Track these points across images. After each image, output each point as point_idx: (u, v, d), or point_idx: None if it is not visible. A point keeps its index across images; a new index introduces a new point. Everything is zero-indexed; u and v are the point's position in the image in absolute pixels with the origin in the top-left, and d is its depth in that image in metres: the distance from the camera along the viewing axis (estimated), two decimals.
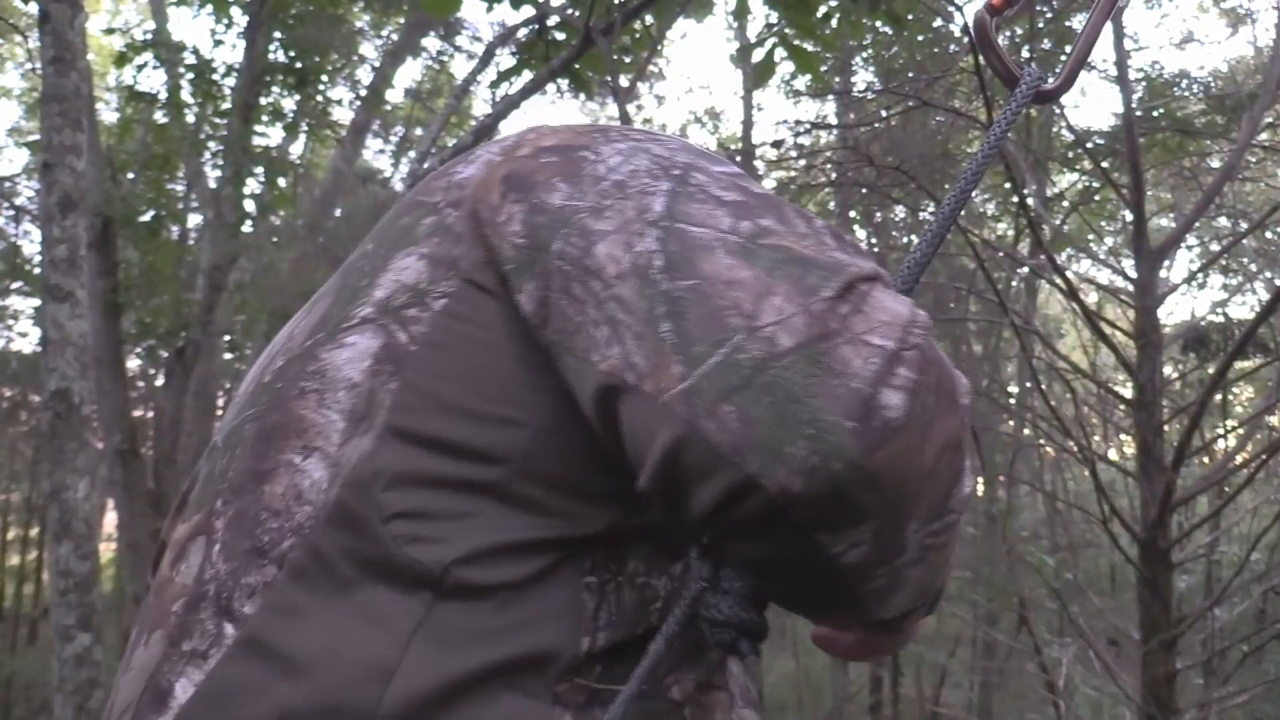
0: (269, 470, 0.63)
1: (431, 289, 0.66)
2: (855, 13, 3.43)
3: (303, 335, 0.70)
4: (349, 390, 0.64)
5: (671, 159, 0.66)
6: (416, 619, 0.58)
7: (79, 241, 3.12)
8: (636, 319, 0.57)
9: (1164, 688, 3.93)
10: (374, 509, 0.60)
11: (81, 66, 3.23)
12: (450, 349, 0.64)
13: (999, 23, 0.77)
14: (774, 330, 0.54)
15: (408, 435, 0.62)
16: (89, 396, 3.05)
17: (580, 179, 0.65)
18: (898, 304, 0.57)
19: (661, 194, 0.61)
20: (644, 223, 0.60)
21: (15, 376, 13.35)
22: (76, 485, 2.94)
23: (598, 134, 0.70)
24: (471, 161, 0.72)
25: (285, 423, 0.64)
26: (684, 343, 0.55)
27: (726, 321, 0.54)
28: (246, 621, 0.59)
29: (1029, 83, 0.73)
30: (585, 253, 0.60)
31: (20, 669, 13.69)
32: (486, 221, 0.66)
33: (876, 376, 0.53)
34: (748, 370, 0.53)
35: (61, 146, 3.09)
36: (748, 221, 0.60)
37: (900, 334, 0.55)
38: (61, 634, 2.94)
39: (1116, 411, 6.65)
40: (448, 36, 10.21)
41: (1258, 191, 8.51)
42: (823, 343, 0.53)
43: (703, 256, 0.57)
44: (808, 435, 0.52)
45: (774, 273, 0.56)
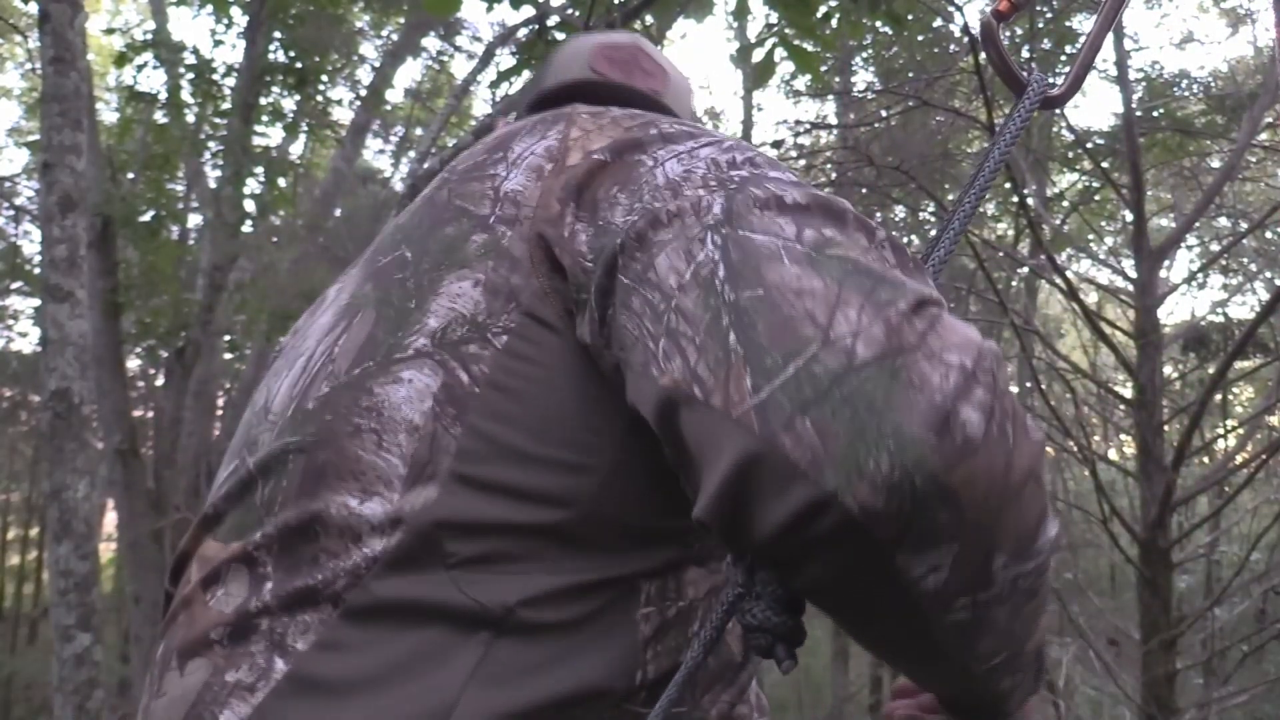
0: (321, 510, 0.61)
1: (491, 323, 0.63)
2: (855, 13, 3.43)
3: (347, 358, 0.66)
4: (409, 434, 0.61)
5: (729, 167, 0.64)
6: (477, 658, 0.58)
7: (79, 241, 3.12)
8: (700, 330, 0.55)
9: (1164, 688, 3.93)
10: (438, 555, 0.59)
11: (81, 66, 3.22)
12: (514, 392, 0.62)
13: (1004, 25, 0.76)
14: (850, 341, 0.52)
15: (473, 482, 0.61)
16: (89, 396, 3.04)
17: (638, 189, 0.63)
18: (968, 329, 0.55)
19: (720, 199, 0.60)
20: (703, 227, 0.58)
21: (15, 376, 13.36)
22: (76, 485, 2.94)
23: (652, 130, 0.68)
24: (515, 165, 0.69)
25: (339, 462, 0.62)
26: (754, 354, 0.52)
27: (800, 332, 0.52)
28: (298, 658, 0.58)
29: (1036, 89, 0.72)
30: (647, 265, 0.58)
31: (20, 669, 13.70)
32: (554, 240, 0.64)
33: (956, 392, 0.51)
34: (825, 383, 0.51)
35: (61, 146, 3.09)
36: (811, 230, 0.58)
37: (975, 355, 0.53)
38: (61, 634, 2.94)
39: (1116, 411, 6.65)
40: (448, 36, 10.21)
41: (1258, 191, 8.51)
42: (902, 356, 0.51)
43: (768, 265, 0.55)
44: (889, 449, 0.50)
45: (844, 283, 0.54)
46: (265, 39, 7.37)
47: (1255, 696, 4.59)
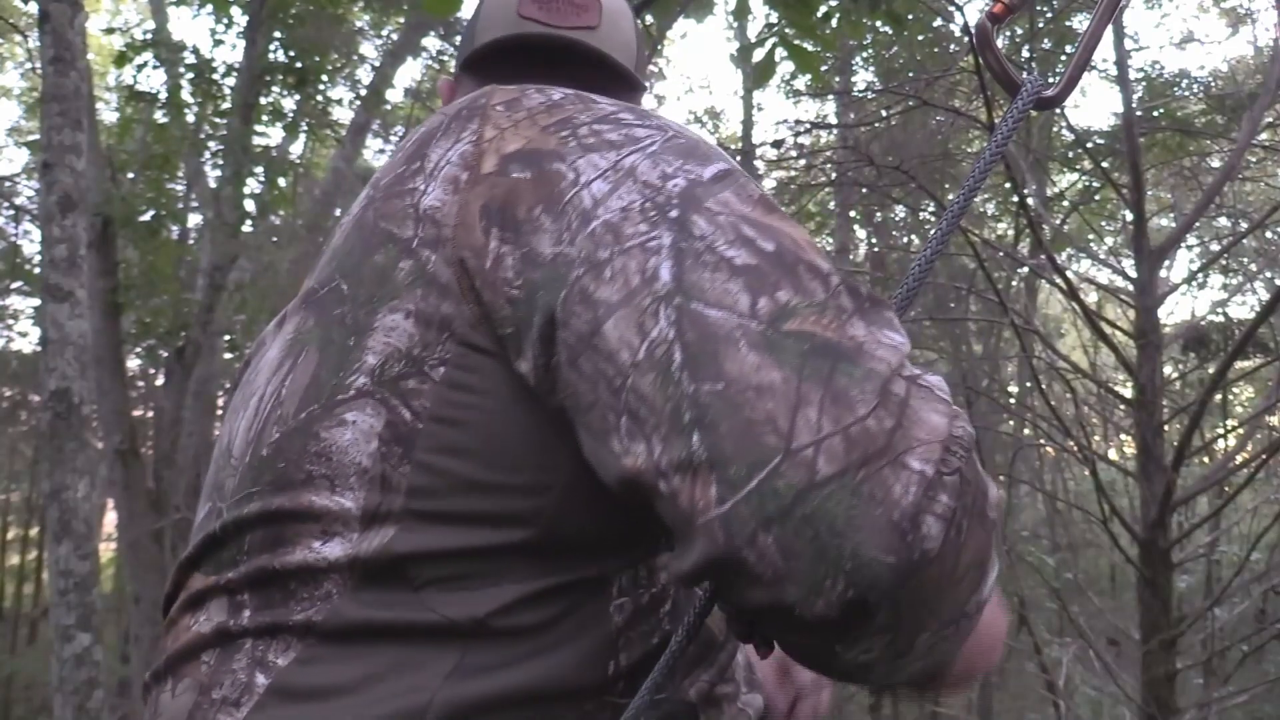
0: (287, 556, 0.62)
1: (427, 355, 0.62)
2: (855, 13, 3.43)
3: (294, 401, 0.65)
4: (359, 477, 0.62)
5: (663, 186, 0.60)
6: (452, 663, 0.60)
7: (79, 241, 3.12)
8: (661, 420, 0.54)
9: (1164, 688, 3.93)
10: (404, 581, 0.60)
11: (81, 66, 3.23)
12: (459, 422, 0.62)
13: (999, 27, 0.77)
14: (812, 453, 0.51)
15: (429, 516, 0.61)
16: (89, 396, 3.05)
17: (564, 212, 0.60)
18: (936, 413, 0.54)
19: (666, 254, 0.57)
20: (654, 297, 0.56)
21: (15, 376, 13.36)
22: (76, 485, 2.94)
23: (566, 132, 0.64)
24: (433, 176, 0.66)
25: (297, 509, 0.63)
26: (718, 461, 0.52)
27: (762, 440, 0.51)
28: (278, 671, 0.60)
29: (1029, 90, 0.72)
30: (593, 329, 0.57)
31: (20, 669, 13.70)
32: (475, 271, 0.61)
33: (916, 506, 0.51)
34: (788, 500, 0.51)
35: (61, 146, 3.09)
36: (765, 298, 0.55)
37: (940, 455, 0.52)
38: (61, 634, 2.94)
39: (1116, 411, 6.64)
40: (448, 36, 10.21)
41: (1258, 191, 8.51)
42: (864, 469, 0.51)
43: (726, 352, 0.53)
44: (847, 570, 0.50)
45: (804, 372, 0.53)
46: (265, 39, 7.37)
47: (1255, 696, 4.59)
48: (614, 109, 0.67)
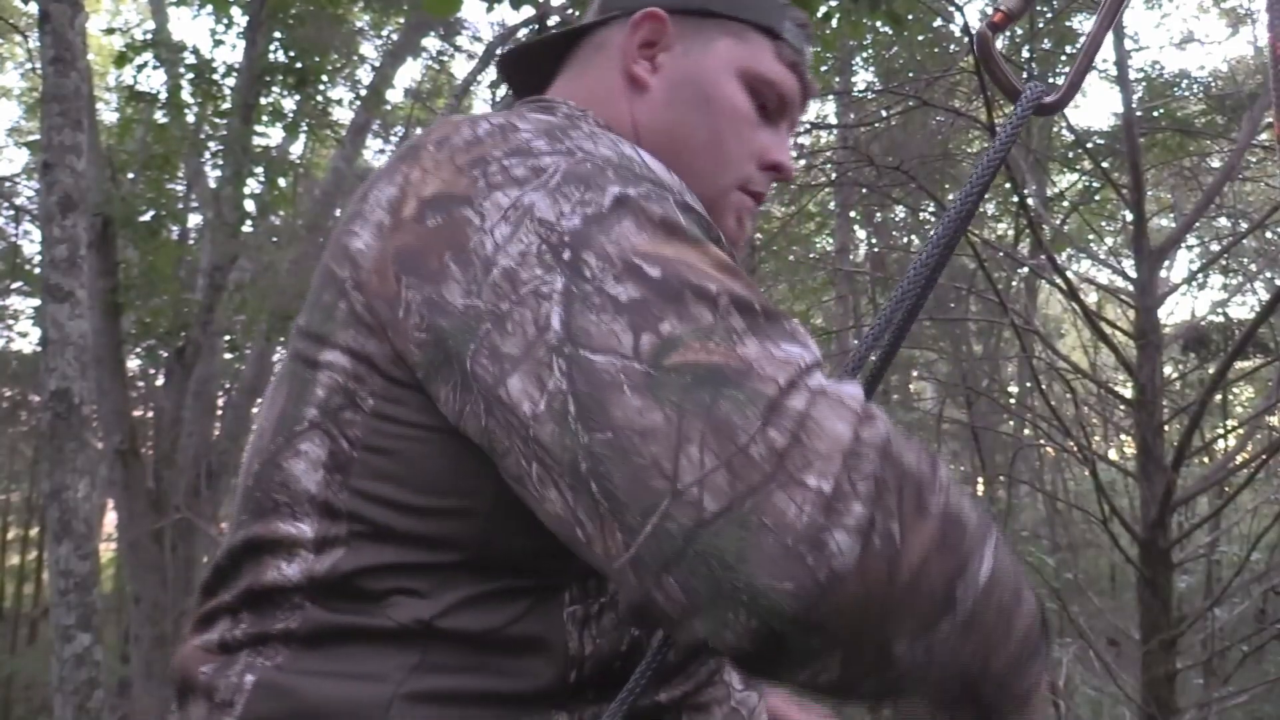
0: (265, 576, 0.68)
1: (359, 389, 0.66)
2: (855, 13, 3.43)
3: (270, 433, 0.71)
4: (310, 503, 0.67)
5: (557, 224, 0.61)
6: (414, 660, 0.64)
7: (79, 241, 3.12)
8: (564, 471, 0.56)
9: (1164, 688, 3.93)
10: (357, 594, 0.65)
11: (81, 66, 3.23)
12: (388, 451, 0.65)
13: (999, 35, 0.78)
14: (697, 491, 0.52)
15: (370, 537, 0.65)
16: (89, 396, 3.05)
17: (470, 260, 0.61)
18: (840, 422, 0.54)
19: (557, 300, 0.58)
20: (547, 348, 0.57)
21: (15, 376, 13.36)
22: (76, 485, 2.94)
23: (478, 171, 0.65)
24: (367, 219, 0.68)
25: (269, 535, 0.68)
26: (618, 509, 0.54)
27: (650, 485, 0.53)
28: (263, 671, 0.66)
29: (1029, 97, 0.73)
30: (498, 382, 0.58)
31: (20, 669, 13.70)
32: (387, 319, 0.64)
33: (813, 526, 0.51)
34: (680, 541, 0.52)
35: (61, 146, 3.09)
36: (648, 334, 0.56)
37: (840, 467, 0.52)
38: (61, 634, 2.94)
39: (1116, 411, 6.65)
40: (448, 36, 10.21)
41: (1258, 191, 8.51)
42: (750, 498, 0.51)
43: (612, 398, 0.55)
44: (744, 602, 0.51)
45: (685, 408, 0.53)
46: (265, 39, 7.37)
47: (1255, 696, 4.59)
48: (529, 137, 0.67)
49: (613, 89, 0.84)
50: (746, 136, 0.84)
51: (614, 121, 0.80)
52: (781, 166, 0.86)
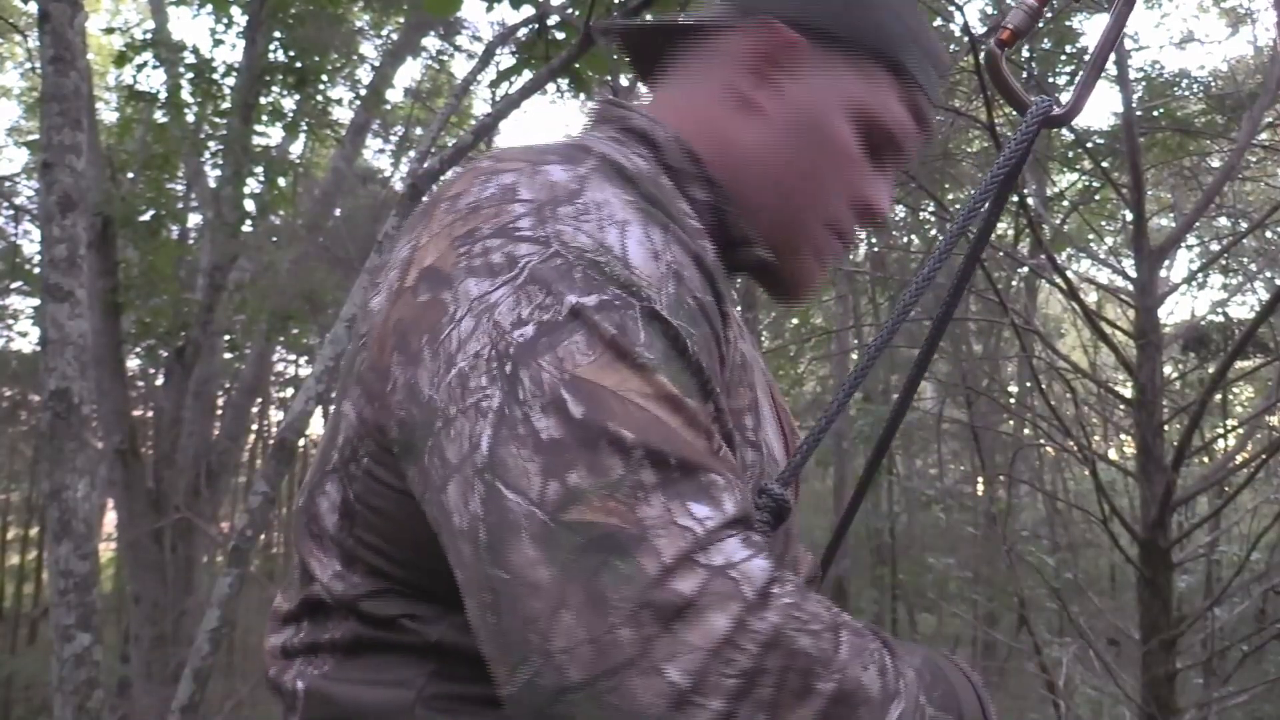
0: (310, 586, 0.75)
1: (360, 446, 0.70)
2: None
3: (318, 460, 0.77)
4: (331, 540, 0.73)
5: (510, 333, 0.61)
6: (432, 668, 0.69)
7: (79, 241, 3.12)
8: (474, 589, 0.59)
9: (1164, 688, 3.93)
10: (376, 617, 0.71)
11: (81, 66, 3.22)
12: (378, 510, 0.70)
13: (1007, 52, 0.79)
14: (564, 659, 0.54)
15: (377, 575, 0.71)
16: (89, 396, 3.04)
17: (439, 351, 0.63)
18: (720, 609, 0.54)
19: (490, 420, 0.59)
20: (474, 468, 0.59)
21: (15, 376, 13.36)
22: (76, 485, 2.94)
23: (464, 249, 0.65)
24: (386, 274, 0.72)
25: (306, 557, 0.76)
26: (501, 650, 0.57)
27: (527, 638, 0.55)
28: (311, 679, 0.73)
29: (1037, 111, 0.74)
30: (441, 485, 0.61)
31: (20, 669, 13.71)
32: (379, 394, 0.68)
33: (663, 717, 0.52)
34: (545, 698, 0.54)
35: (61, 146, 3.09)
36: (555, 482, 0.57)
37: (706, 661, 0.53)
38: (61, 634, 2.94)
39: (1116, 411, 6.65)
40: (448, 36, 10.21)
41: (1258, 191, 8.51)
42: (608, 679, 0.53)
43: (512, 542, 0.56)
44: None
45: (569, 571, 0.55)
46: (265, 39, 7.37)
47: (1255, 696, 4.59)
48: (520, 213, 0.66)
49: (721, 104, 0.81)
50: (847, 177, 0.82)
51: (709, 141, 0.79)
52: (876, 210, 0.84)
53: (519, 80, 3.91)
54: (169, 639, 7.05)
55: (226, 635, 4.58)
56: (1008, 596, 6.97)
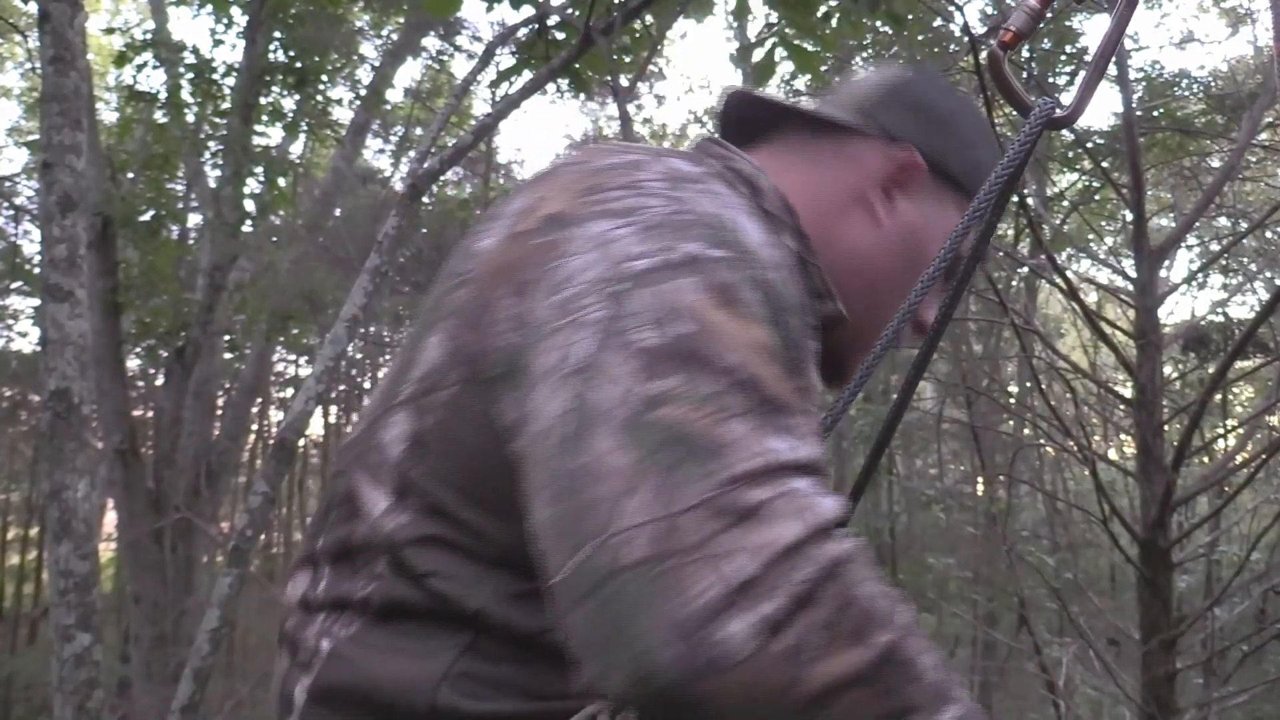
0: (352, 528, 0.74)
1: (445, 378, 0.71)
2: (855, 13, 3.43)
3: (377, 400, 0.78)
4: (391, 470, 0.72)
5: (627, 264, 0.64)
6: (467, 641, 0.67)
7: (79, 241, 3.12)
8: (546, 485, 0.60)
9: (1164, 688, 3.93)
10: (414, 568, 0.69)
11: (81, 66, 3.22)
12: (458, 441, 0.70)
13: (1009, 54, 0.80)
14: (622, 540, 0.54)
15: (433, 511, 0.70)
16: (89, 396, 3.04)
17: (551, 277, 0.67)
18: (787, 524, 0.55)
19: (592, 330, 0.62)
20: (567, 371, 0.61)
21: (15, 376, 13.36)
22: (76, 485, 2.94)
23: (590, 198, 0.70)
24: (498, 221, 0.75)
25: (353, 491, 0.74)
26: (563, 533, 0.57)
27: (588, 521, 0.56)
28: (338, 641, 0.71)
29: (1040, 113, 0.76)
30: (529, 394, 0.63)
31: (20, 669, 13.71)
32: (483, 322, 0.70)
33: (711, 606, 0.52)
34: (596, 579, 0.55)
35: (61, 146, 3.09)
36: (649, 384, 0.59)
37: (765, 564, 0.53)
38: (61, 634, 2.94)
39: (1116, 411, 6.65)
40: (448, 36, 10.21)
41: (1258, 191, 8.51)
42: (665, 561, 0.53)
43: (595, 430, 0.58)
44: (632, 653, 0.53)
45: (645, 461, 0.56)
46: (265, 39, 7.36)
47: (1255, 696, 4.59)
48: (648, 177, 0.71)
49: (841, 203, 0.86)
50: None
51: (816, 222, 0.82)
52: (926, 328, 0.89)
53: (519, 80, 3.91)
54: (169, 639, 7.05)
55: (226, 635, 4.58)
56: (1008, 596, 6.96)
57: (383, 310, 12.10)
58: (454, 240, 11.55)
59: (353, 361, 15.66)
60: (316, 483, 19.08)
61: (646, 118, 13.36)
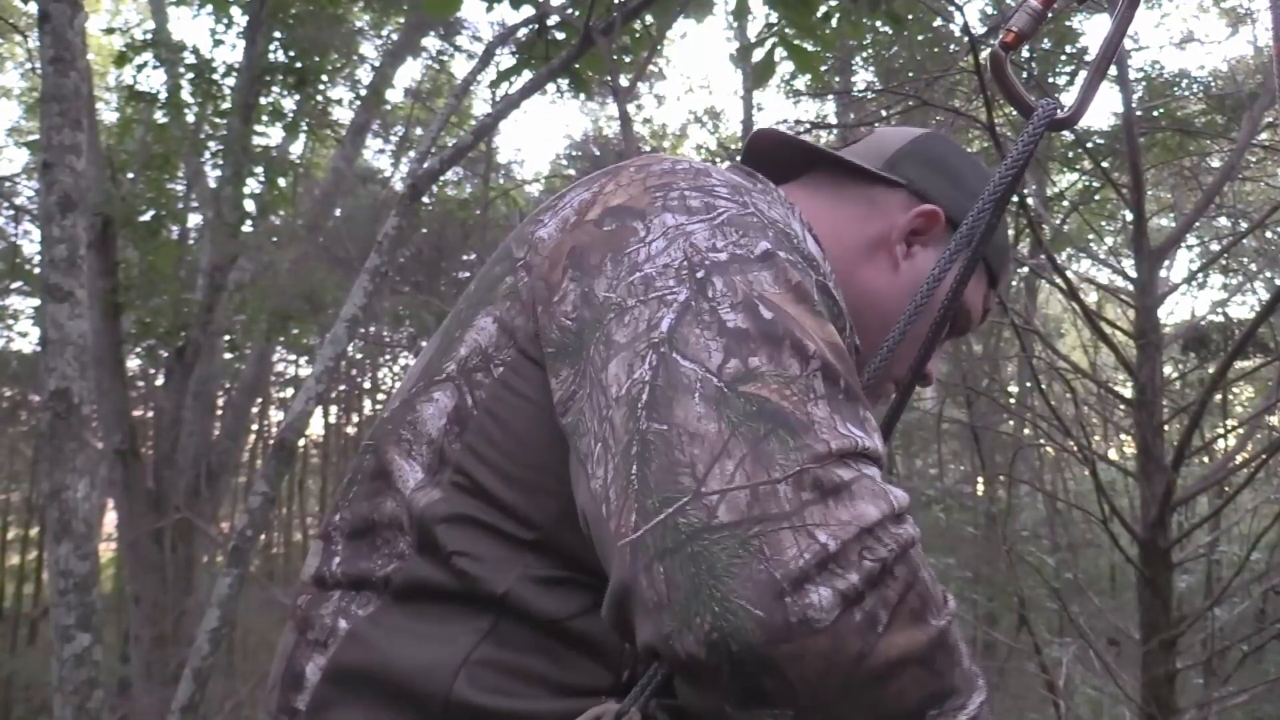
0: (379, 503, 0.75)
1: (496, 355, 0.74)
2: (855, 13, 3.43)
3: (414, 378, 0.80)
4: (428, 444, 0.74)
5: (705, 252, 0.67)
6: (488, 625, 0.68)
7: (79, 241, 3.11)
8: (619, 449, 0.61)
9: (1164, 688, 3.93)
10: (442, 547, 0.70)
11: (81, 66, 3.22)
12: (501, 418, 0.72)
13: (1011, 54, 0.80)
14: (716, 500, 0.56)
15: (464, 489, 0.71)
16: (89, 396, 3.04)
17: (622, 261, 0.69)
18: (872, 505, 0.57)
19: (675, 308, 0.64)
20: (648, 343, 0.63)
21: (15, 376, 13.35)
22: (76, 485, 2.93)
23: (660, 194, 0.73)
24: (557, 213, 0.77)
25: (385, 465, 0.76)
26: (643, 491, 0.58)
27: (678, 480, 0.57)
28: (356, 621, 0.72)
29: (1042, 115, 0.77)
30: (603, 365, 0.65)
31: (20, 669, 13.69)
32: (543, 301, 0.72)
33: (803, 572, 0.54)
34: (682, 536, 0.56)
35: (61, 146, 3.09)
36: (736, 360, 0.61)
37: (853, 536, 0.55)
38: (61, 634, 2.93)
39: (1116, 411, 6.65)
40: (448, 36, 10.21)
41: (1258, 191, 8.50)
42: (759, 524, 0.55)
43: (680, 398, 0.60)
44: (715, 611, 0.54)
45: (738, 429, 0.58)
46: (265, 39, 7.36)
47: (1255, 696, 4.59)
48: (716, 182, 0.74)
49: (864, 245, 0.89)
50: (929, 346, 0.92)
51: (844, 267, 0.86)
52: (929, 380, 0.94)
53: (519, 80, 3.91)
54: (169, 639, 7.05)
55: (226, 635, 4.58)
56: (1008, 596, 6.96)
57: (383, 310, 12.09)
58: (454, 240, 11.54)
59: (353, 361, 15.66)
60: (316, 483, 19.08)
61: (646, 118, 13.36)
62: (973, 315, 0.95)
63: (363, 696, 0.69)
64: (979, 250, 0.80)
